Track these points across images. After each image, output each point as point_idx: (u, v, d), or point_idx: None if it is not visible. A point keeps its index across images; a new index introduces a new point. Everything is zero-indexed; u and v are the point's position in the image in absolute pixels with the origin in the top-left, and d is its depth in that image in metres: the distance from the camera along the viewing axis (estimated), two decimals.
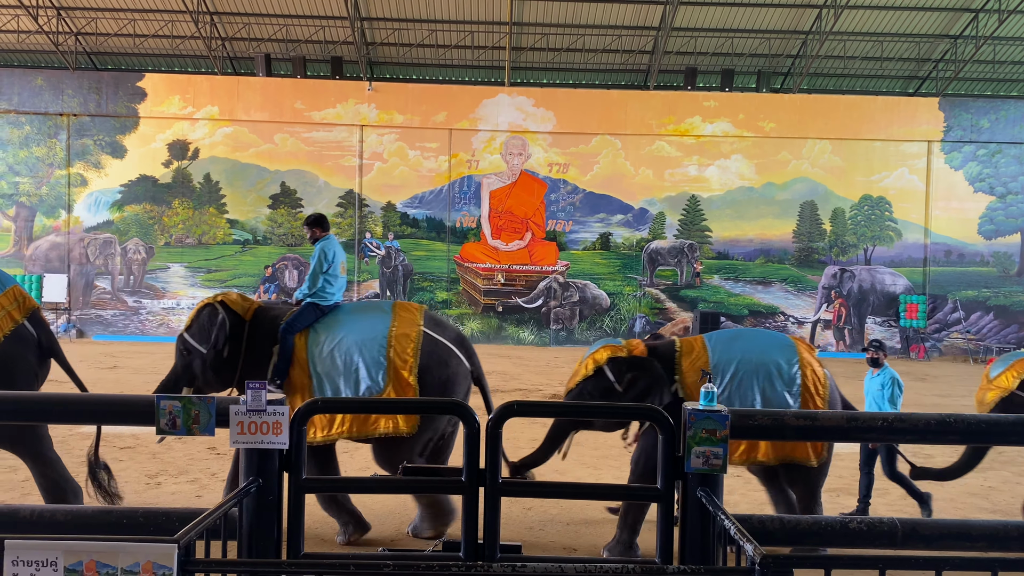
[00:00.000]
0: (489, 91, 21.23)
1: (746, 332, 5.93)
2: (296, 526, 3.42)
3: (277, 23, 20.91)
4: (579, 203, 21.37)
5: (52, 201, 21.01)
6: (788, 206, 21.52)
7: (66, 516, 3.86)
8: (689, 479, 3.47)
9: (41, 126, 20.91)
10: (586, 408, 4.87)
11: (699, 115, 21.18)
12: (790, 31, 21.08)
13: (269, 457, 3.39)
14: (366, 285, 21.25)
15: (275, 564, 2.99)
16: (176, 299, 21.00)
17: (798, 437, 4.33)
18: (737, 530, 2.81)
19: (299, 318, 5.76)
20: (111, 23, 20.85)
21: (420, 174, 21.24)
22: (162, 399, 3.50)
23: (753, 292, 21.50)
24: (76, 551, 2.59)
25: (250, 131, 20.96)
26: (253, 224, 21.20)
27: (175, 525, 3.67)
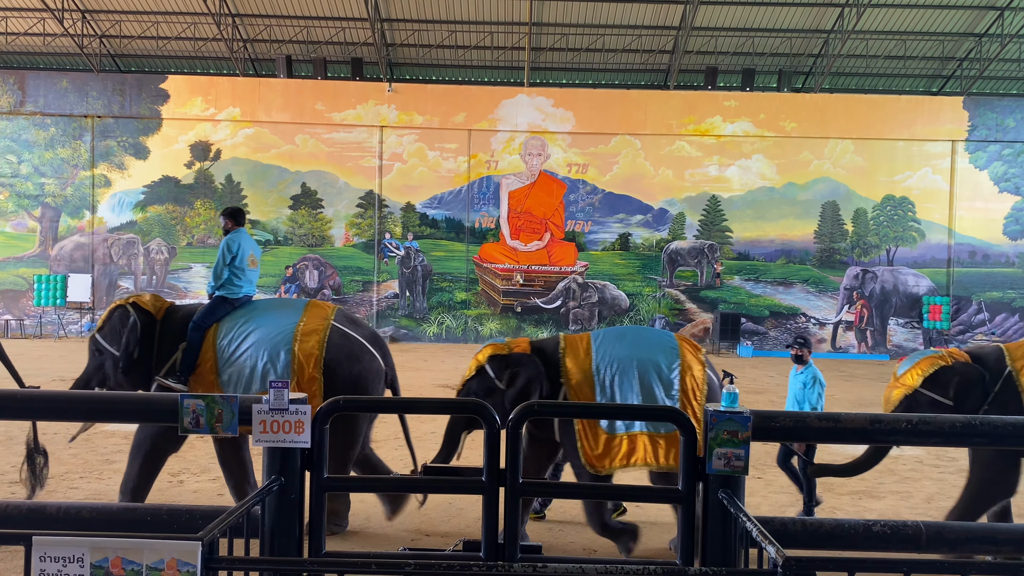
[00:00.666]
0: (508, 91, 21.25)
1: (632, 331, 5.84)
2: (318, 524, 3.44)
3: (298, 25, 21.05)
4: (598, 203, 21.33)
5: (77, 202, 21.27)
6: (809, 206, 21.36)
7: (92, 513, 3.90)
8: (710, 481, 3.45)
9: (66, 128, 21.17)
10: (604, 409, 4.85)
11: (719, 115, 21.07)
12: (812, 30, 20.93)
13: (291, 456, 3.41)
14: (385, 285, 21.33)
15: (297, 562, 3.01)
16: (198, 299, 21.16)
17: (820, 439, 4.28)
18: (759, 532, 2.80)
19: (208, 313, 5.80)
20: (135, 26, 21.09)
21: (439, 175, 21.29)
22: (185, 398, 3.53)
23: (774, 293, 21.36)
24: (102, 547, 2.61)
25: (271, 132, 21.11)
26: (274, 225, 21.34)
27: (198, 523, 3.71)
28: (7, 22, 20.90)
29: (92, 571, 2.63)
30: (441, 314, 21.25)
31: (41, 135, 21.18)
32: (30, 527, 3.69)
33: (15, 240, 21.28)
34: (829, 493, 7.21)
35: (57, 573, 2.62)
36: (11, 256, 21.25)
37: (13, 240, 21.27)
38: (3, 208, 21.26)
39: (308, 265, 21.31)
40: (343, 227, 21.35)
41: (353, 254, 21.40)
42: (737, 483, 3.46)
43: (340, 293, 21.27)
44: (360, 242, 21.39)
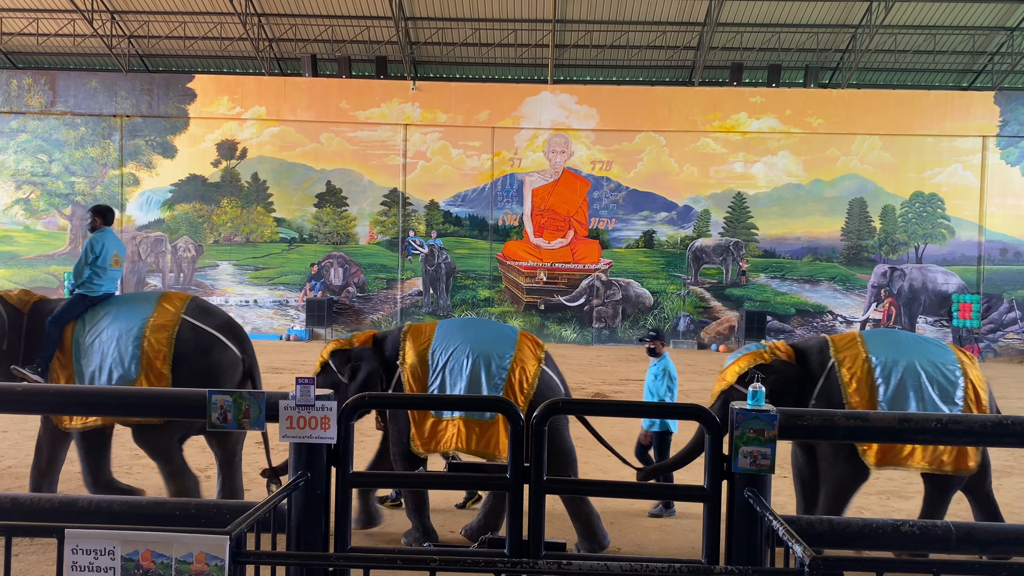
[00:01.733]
0: (532, 89, 21.23)
1: (477, 323, 5.94)
2: (344, 520, 3.46)
3: (323, 24, 21.18)
4: (622, 201, 21.26)
5: (106, 200, 21.53)
6: (836, 203, 21.13)
7: (122, 507, 3.96)
8: (736, 479, 3.43)
9: (95, 127, 21.47)
10: (632, 407, 4.83)
11: (745, 111, 20.91)
12: (839, 25, 20.69)
13: (317, 452, 3.44)
14: (409, 283, 21.42)
15: (324, 557, 3.04)
16: (225, 296, 21.40)
17: (848, 438, 4.25)
18: (786, 531, 2.78)
19: (67, 310, 5.93)
20: (162, 26, 21.32)
21: (463, 172, 21.33)
22: (214, 393, 3.57)
23: (800, 291, 21.17)
24: (133, 541, 2.65)
25: (296, 131, 21.26)
26: (299, 222, 21.50)
27: (226, 517, 3.74)
28: (38, 23, 21.23)
29: (123, 564, 2.66)
30: (464, 311, 21.29)
31: (71, 135, 21.49)
32: (62, 520, 3.75)
33: (46, 238, 21.62)
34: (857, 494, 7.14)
35: (89, 565, 2.67)
36: (42, 254, 21.60)
37: (44, 238, 21.62)
38: (35, 207, 21.61)
39: (333, 263, 21.45)
40: (367, 225, 21.46)
41: (377, 252, 21.50)
42: (763, 482, 3.43)
43: (364, 290, 21.39)
44: (384, 240, 21.49)
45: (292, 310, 21.34)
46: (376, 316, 21.36)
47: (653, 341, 6.80)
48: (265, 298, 21.41)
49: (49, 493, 5.67)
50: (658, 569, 2.68)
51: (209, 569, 2.65)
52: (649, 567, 2.69)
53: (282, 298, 21.42)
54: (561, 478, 4.94)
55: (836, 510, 5.31)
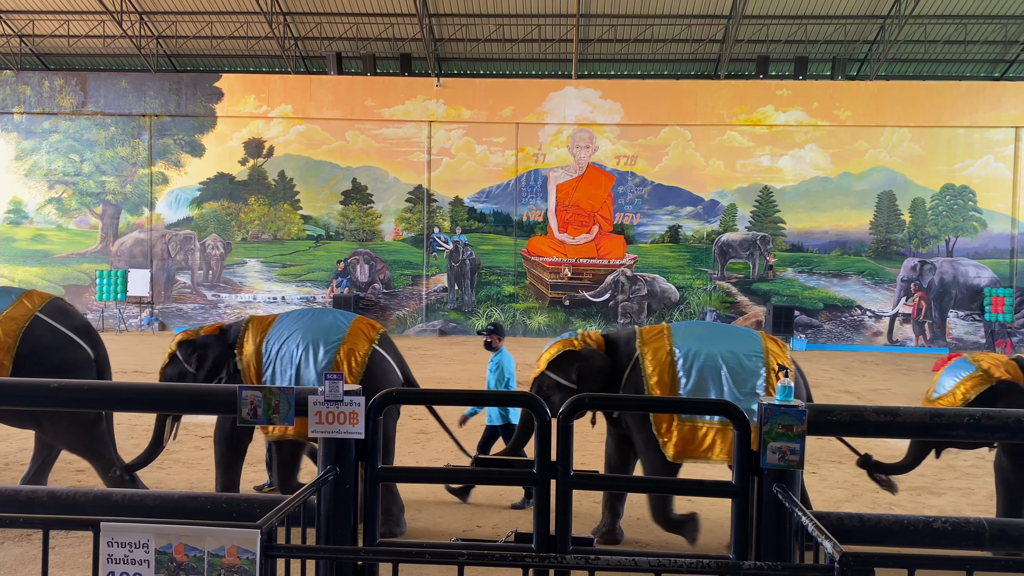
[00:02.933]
0: (556, 84, 21.18)
1: (314, 312, 6.08)
2: (372, 514, 3.49)
3: (348, 22, 21.28)
4: (647, 195, 21.16)
5: (136, 199, 21.86)
6: (865, 196, 20.87)
7: (155, 501, 4.03)
8: (764, 475, 3.41)
9: (125, 127, 21.76)
10: (660, 402, 4.83)
11: (772, 104, 20.71)
12: (867, 16, 20.41)
13: (346, 446, 3.47)
14: (434, 279, 21.48)
15: (353, 551, 3.06)
16: (253, 293, 21.63)
17: (878, 433, 4.20)
18: (815, 527, 2.76)
19: None
20: (190, 26, 21.55)
21: (487, 169, 21.35)
22: (244, 389, 3.62)
23: (828, 285, 20.95)
24: (166, 534, 2.69)
25: (322, 129, 21.40)
26: (326, 220, 21.65)
27: (256, 511, 3.80)
28: (69, 25, 21.55)
29: (156, 556, 2.71)
30: (489, 307, 21.32)
31: (102, 134, 21.80)
32: (97, 513, 3.82)
33: (78, 237, 21.97)
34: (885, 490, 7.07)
35: (124, 558, 2.71)
36: (75, 252, 21.94)
37: (76, 237, 21.96)
38: (67, 206, 21.96)
39: (359, 259, 21.57)
40: (393, 222, 21.56)
41: (402, 248, 21.60)
42: (792, 477, 3.41)
43: (390, 287, 21.49)
44: (409, 236, 21.58)
45: (319, 307, 21.51)
46: (402, 312, 21.46)
47: (489, 335, 6.95)
48: (292, 295, 21.60)
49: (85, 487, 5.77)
50: (686, 564, 2.68)
51: (241, 563, 2.69)
52: (677, 562, 2.69)
53: (309, 295, 21.59)
54: (589, 472, 4.93)
55: (657, 502, 5.41)
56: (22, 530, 5.42)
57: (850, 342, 20.70)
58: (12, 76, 21.70)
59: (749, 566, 2.75)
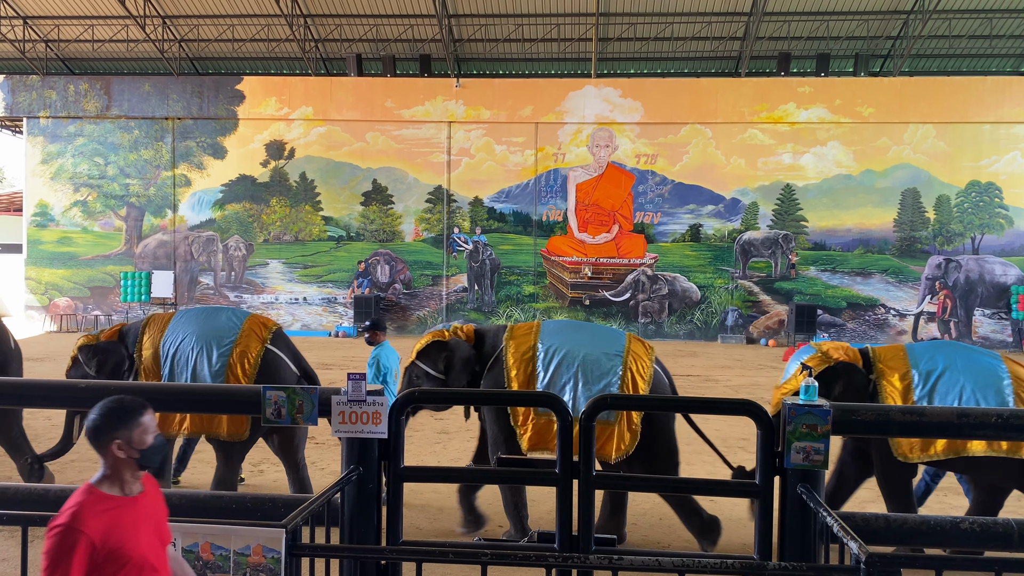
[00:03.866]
0: (575, 83, 21.14)
1: (207, 311, 6.30)
2: (395, 514, 3.51)
3: (368, 23, 21.37)
4: (668, 194, 21.06)
5: (159, 201, 22.09)
6: (889, 194, 20.65)
7: (180, 500, 4.06)
8: (789, 475, 3.39)
9: (148, 130, 21.99)
10: (681, 402, 4.81)
11: (793, 101, 20.54)
12: (890, 11, 20.21)
13: (369, 446, 3.49)
14: (454, 279, 21.53)
15: (377, 550, 3.08)
16: (275, 294, 21.78)
17: (904, 433, 4.17)
18: (841, 527, 2.74)
19: None
20: (211, 29, 21.75)
21: (507, 168, 21.35)
22: (268, 390, 3.65)
23: (852, 284, 20.75)
24: (193, 533, 2.72)
25: (343, 130, 21.51)
26: (346, 221, 21.76)
27: (280, 511, 3.82)
28: (93, 30, 21.81)
29: (184, 555, 2.74)
30: (509, 307, 21.33)
31: (126, 138, 22.05)
32: None
33: (103, 239, 22.23)
34: None
35: None
36: (99, 254, 22.21)
37: (101, 239, 22.23)
38: (91, 208, 22.23)
39: (380, 260, 21.66)
40: (413, 222, 21.63)
41: (423, 248, 21.66)
42: (816, 477, 3.40)
43: (410, 287, 21.56)
44: (429, 237, 21.63)
45: (340, 307, 21.62)
46: (422, 312, 21.52)
47: (369, 331, 7.13)
48: (314, 295, 21.73)
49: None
50: (710, 565, 2.67)
51: (266, 561, 2.71)
52: (701, 562, 2.68)
53: (330, 295, 21.71)
54: (611, 473, 4.93)
55: (512, 493, 5.49)
56: None
57: (874, 341, 20.50)
58: (38, 81, 22.00)
59: (774, 567, 2.74)
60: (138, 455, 2.40)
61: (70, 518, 2.27)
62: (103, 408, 2.42)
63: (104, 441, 2.38)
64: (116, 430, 2.38)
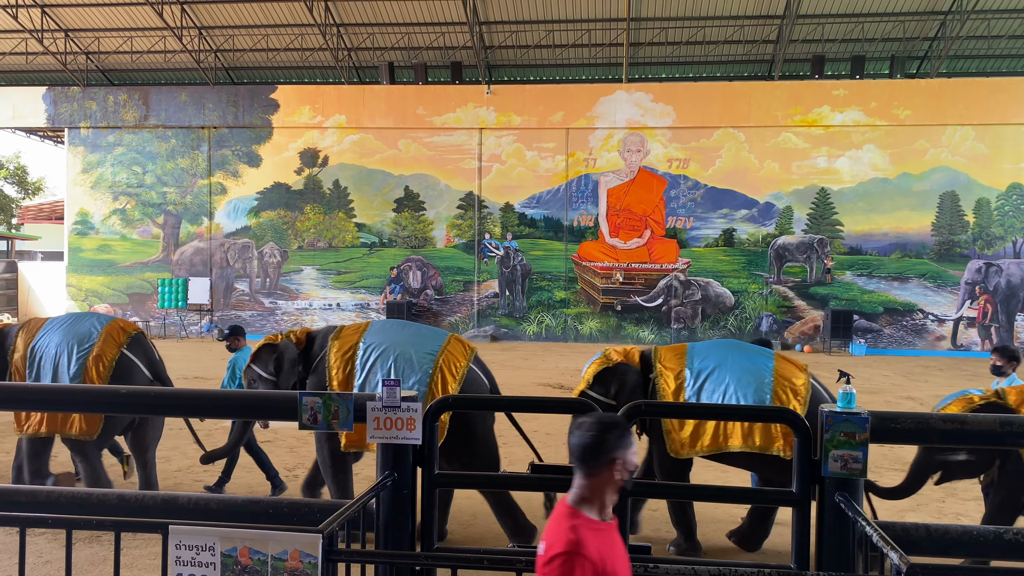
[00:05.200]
0: (606, 88, 21.10)
1: (73, 317, 6.63)
2: (430, 519, 3.53)
3: (399, 32, 21.54)
4: (700, 199, 20.92)
5: (196, 209, 22.44)
6: (926, 197, 20.31)
7: (219, 505, 4.12)
8: (826, 483, 3.35)
9: (185, 139, 22.37)
10: (721, 410, 4.77)
11: (828, 104, 20.30)
12: (926, 12, 19.90)
13: (403, 452, 3.51)
14: (485, 285, 21.57)
15: (412, 556, 3.10)
16: (309, 300, 22.00)
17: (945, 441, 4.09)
18: (880, 537, 2.70)
19: None
20: (246, 39, 22.08)
21: (537, 174, 21.36)
22: (304, 396, 3.69)
23: (888, 289, 20.42)
24: (231, 537, 2.76)
25: (375, 138, 21.68)
26: (379, 227, 21.92)
27: (316, 516, 3.86)
28: (132, 42, 22.26)
29: (222, 559, 2.77)
30: (540, 313, 21.31)
31: (163, 147, 22.44)
32: (164, 516, 3.93)
33: (141, 246, 22.64)
34: (953, 498, 6.86)
35: (191, 560, 2.79)
36: (138, 261, 22.61)
37: (139, 246, 22.63)
38: (130, 216, 22.65)
39: (411, 266, 21.78)
40: (444, 228, 21.72)
41: (454, 254, 21.74)
42: (854, 486, 3.35)
43: (442, 293, 21.65)
44: (461, 243, 21.71)
45: (373, 313, 21.77)
46: (454, 318, 21.60)
47: (228, 338, 7.37)
48: (347, 301, 21.91)
49: (152, 491, 5.95)
50: (747, 573, 2.64)
51: (303, 567, 2.74)
52: (738, 571, 2.65)
53: (363, 301, 21.87)
54: (646, 481, 4.90)
55: (338, 486, 5.81)
56: (92, 532, 5.60)
57: (912, 347, 20.16)
58: (79, 92, 22.49)
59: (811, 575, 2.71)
60: (629, 477, 2.25)
61: (571, 545, 2.10)
62: (601, 425, 2.23)
63: (603, 461, 2.20)
64: (617, 450, 2.20)
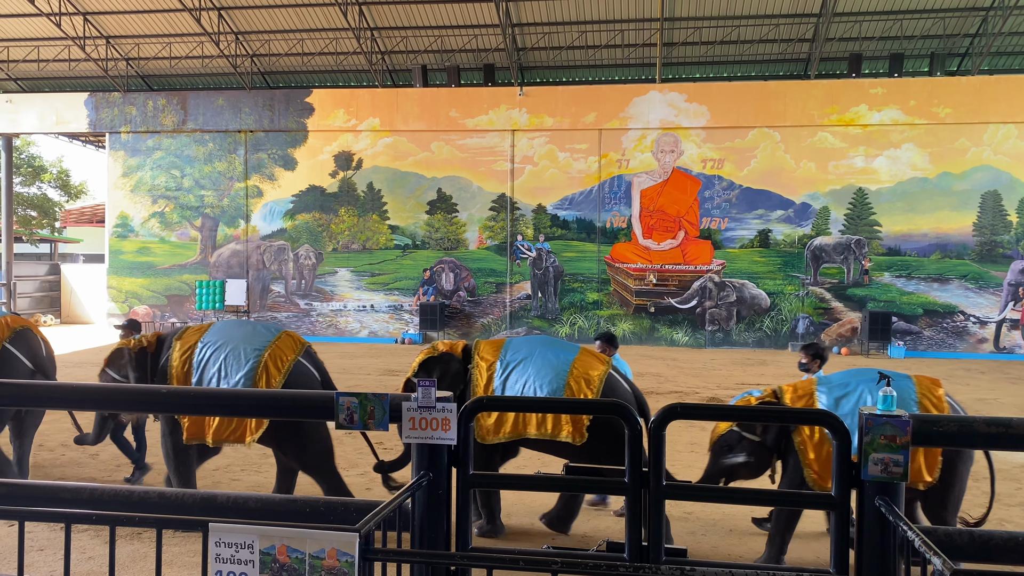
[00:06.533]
0: (639, 89, 20.99)
1: None
2: (465, 520, 3.53)
3: (432, 34, 21.66)
4: (735, 199, 20.72)
5: (232, 212, 22.76)
6: (967, 197, 19.91)
7: (256, 504, 4.17)
8: (866, 487, 3.30)
9: (222, 143, 22.70)
10: (756, 412, 4.73)
11: (865, 103, 19.99)
12: (968, 8, 19.52)
13: (439, 452, 3.53)
14: (518, 287, 21.58)
15: (448, 556, 3.11)
16: (343, 302, 22.19)
17: (989, 445, 4.02)
18: (923, 542, 2.65)
19: None
20: (282, 44, 22.36)
21: (570, 176, 21.33)
22: (340, 395, 3.72)
23: (928, 290, 20.05)
24: (270, 535, 2.79)
25: (408, 140, 21.82)
26: (412, 229, 22.05)
27: (352, 515, 3.89)
28: (171, 47, 22.66)
29: (261, 557, 2.81)
30: (573, 315, 21.27)
31: (200, 150, 22.80)
32: (203, 514, 3.99)
33: (179, 249, 23.02)
34: (997, 503, 6.71)
35: (231, 558, 2.82)
36: (176, 264, 23.00)
37: (178, 249, 23.01)
38: (169, 219, 23.04)
39: (444, 268, 21.87)
40: (477, 230, 21.78)
41: (486, 256, 21.78)
42: (895, 490, 3.30)
43: (474, 295, 21.70)
44: (493, 244, 21.75)
45: (406, 314, 21.91)
46: (486, 320, 21.64)
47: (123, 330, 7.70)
48: (381, 303, 22.06)
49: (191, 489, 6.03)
50: None
51: (340, 565, 2.76)
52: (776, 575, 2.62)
53: (397, 303, 22.01)
54: (680, 483, 4.86)
55: (180, 477, 6.15)
56: (132, 529, 5.70)
57: (953, 349, 19.77)
58: (119, 98, 22.93)
59: None
60: None
61: None
62: None
63: None
64: None
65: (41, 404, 5.89)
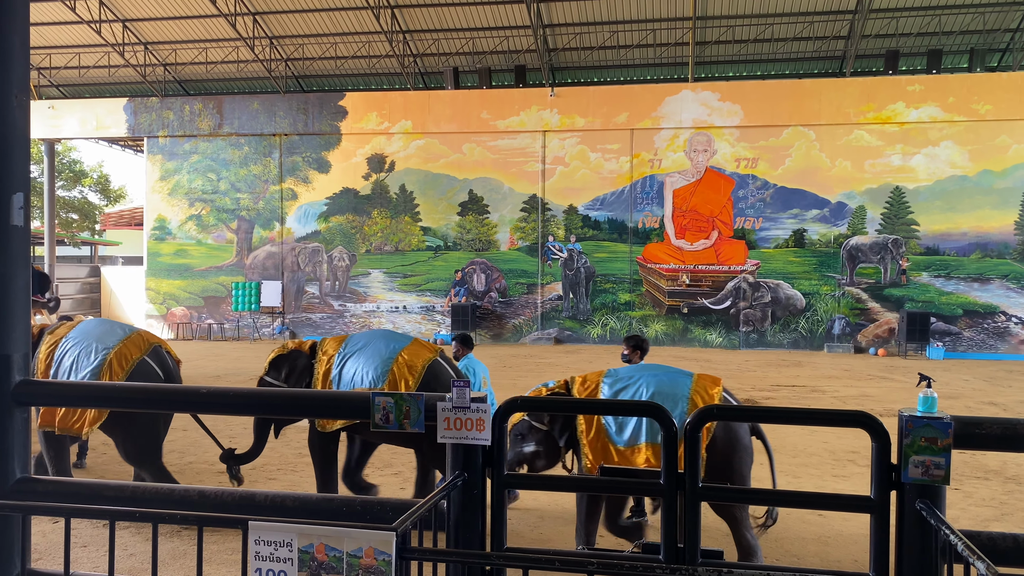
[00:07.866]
0: (672, 88, 20.87)
1: None
2: (499, 520, 3.55)
3: (464, 37, 21.73)
4: (769, 199, 20.52)
5: (267, 214, 23.04)
6: (1009, 195, 19.51)
7: (294, 502, 4.22)
8: (906, 490, 3.26)
9: (257, 146, 23.00)
10: (787, 413, 4.68)
11: (902, 100, 19.68)
12: (1007, 3, 19.13)
13: (473, 453, 3.54)
14: (549, 287, 21.57)
15: (484, 556, 3.12)
16: (376, 303, 22.36)
17: None
18: (966, 547, 2.61)
19: None
20: (315, 48, 22.59)
21: (601, 176, 21.27)
22: (377, 396, 3.75)
23: (968, 290, 19.67)
24: (308, 534, 2.83)
25: (440, 142, 21.92)
26: (444, 231, 22.14)
27: (388, 515, 3.92)
28: (207, 53, 23.01)
29: (299, 555, 2.85)
30: (605, 315, 21.21)
31: (236, 154, 23.12)
32: (242, 512, 4.04)
33: (215, 251, 23.35)
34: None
35: (270, 555, 2.87)
36: (212, 266, 23.34)
37: (214, 251, 23.35)
38: (205, 222, 23.39)
39: (476, 269, 21.93)
40: (508, 231, 21.81)
41: (518, 257, 21.80)
42: (937, 493, 3.25)
43: (506, 296, 21.74)
44: (524, 245, 21.76)
45: (438, 315, 22.00)
46: (517, 321, 21.66)
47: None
48: (413, 304, 22.19)
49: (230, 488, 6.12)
50: None
51: (377, 563, 2.79)
52: None
53: (429, 304, 22.12)
54: (716, 485, 4.83)
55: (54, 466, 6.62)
56: (172, 526, 5.80)
57: (993, 350, 19.38)
58: (157, 103, 23.34)
59: None
60: None
61: None
62: None
63: None
64: None
65: (231, 411, 5.83)
